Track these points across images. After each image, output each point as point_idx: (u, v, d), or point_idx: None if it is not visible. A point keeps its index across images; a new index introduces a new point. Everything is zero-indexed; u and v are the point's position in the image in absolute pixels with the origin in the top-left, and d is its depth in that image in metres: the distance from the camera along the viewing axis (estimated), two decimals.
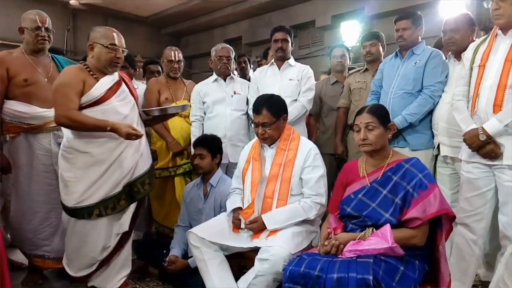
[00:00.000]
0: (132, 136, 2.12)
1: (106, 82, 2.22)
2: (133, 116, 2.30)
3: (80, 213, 2.14)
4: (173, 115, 2.59)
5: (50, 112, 2.36)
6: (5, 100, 2.38)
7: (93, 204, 2.14)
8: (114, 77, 2.27)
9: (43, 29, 2.40)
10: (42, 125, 2.36)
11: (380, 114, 1.85)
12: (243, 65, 4.22)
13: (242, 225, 2.15)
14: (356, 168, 1.95)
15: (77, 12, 8.35)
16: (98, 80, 2.18)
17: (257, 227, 2.10)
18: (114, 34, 2.20)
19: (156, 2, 8.19)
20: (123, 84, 2.31)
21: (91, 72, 2.18)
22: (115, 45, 2.18)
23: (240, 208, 2.23)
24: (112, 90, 2.22)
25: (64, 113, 2.05)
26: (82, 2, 7.21)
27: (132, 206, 2.31)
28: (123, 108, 2.23)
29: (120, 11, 8.69)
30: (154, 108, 2.45)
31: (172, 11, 8.62)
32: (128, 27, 9.37)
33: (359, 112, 1.89)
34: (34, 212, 2.38)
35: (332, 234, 1.81)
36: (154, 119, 2.48)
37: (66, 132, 2.18)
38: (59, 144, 2.36)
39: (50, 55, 2.55)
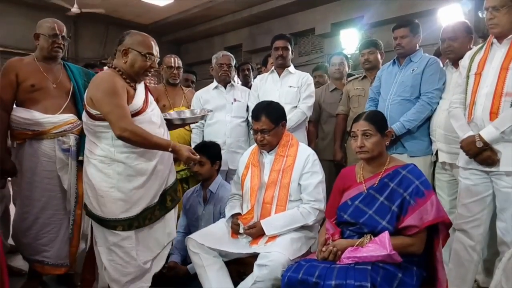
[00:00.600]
0: (191, 160, 2.09)
1: (141, 91, 2.13)
2: (163, 125, 2.22)
3: (121, 225, 2.01)
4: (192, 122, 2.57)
5: (53, 118, 2.37)
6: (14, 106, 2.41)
7: (133, 217, 2.03)
8: (142, 85, 2.20)
9: (60, 37, 2.44)
10: (45, 131, 2.36)
11: (377, 121, 1.85)
12: (246, 72, 4.21)
13: (241, 230, 2.16)
14: (353, 174, 1.96)
15: (78, 20, 8.41)
16: (134, 89, 2.09)
17: (256, 233, 2.11)
18: (153, 43, 2.09)
19: (157, 10, 8.26)
20: (148, 92, 2.25)
21: (127, 80, 2.06)
22: (152, 54, 2.07)
23: (239, 214, 2.24)
24: (145, 100, 2.13)
25: (128, 127, 1.91)
26: (84, 11, 7.25)
27: (174, 213, 2.27)
28: (155, 118, 2.15)
29: (121, 18, 8.75)
30: (175, 117, 2.41)
31: (173, 19, 8.69)
32: None
33: (356, 119, 1.90)
34: (36, 218, 2.37)
35: (330, 240, 1.81)
36: (173, 125, 2.41)
37: (96, 140, 2.02)
38: (64, 150, 2.37)
39: (62, 62, 2.57)
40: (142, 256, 2.11)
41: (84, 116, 2.05)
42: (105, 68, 2.23)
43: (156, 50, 2.11)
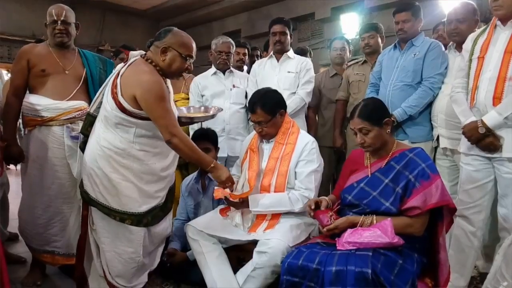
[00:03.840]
0: (229, 182, 2.05)
1: (170, 88, 2.10)
2: None
3: (129, 219, 1.97)
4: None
5: (62, 104, 2.34)
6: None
7: (143, 213, 1.99)
8: (169, 84, 2.15)
9: (59, 22, 2.39)
10: (54, 117, 2.34)
11: (371, 115, 1.80)
12: (255, 58, 4.04)
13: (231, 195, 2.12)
14: (362, 157, 1.95)
15: (75, 6, 8.29)
16: (168, 90, 2.04)
17: (240, 206, 2.11)
18: (194, 45, 2.03)
19: None
20: None
21: (162, 77, 2.00)
22: (191, 57, 2.02)
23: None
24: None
25: (178, 134, 1.90)
26: None
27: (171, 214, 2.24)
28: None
29: (119, 4, 8.65)
30: (183, 115, 2.33)
31: (171, 4, 8.58)
32: (127, 20, 9.33)
33: (351, 116, 1.86)
34: (46, 206, 2.35)
35: (333, 218, 1.80)
36: (180, 122, 2.29)
37: (116, 131, 1.94)
38: (72, 137, 2.34)
39: (77, 49, 2.54)
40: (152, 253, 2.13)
41: (110, 105, 1.93)
42: (134, 52, 2.12)
43: (195, 52, 2.06)
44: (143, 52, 2.07)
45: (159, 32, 2.01)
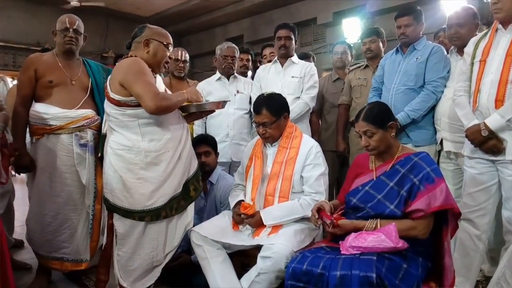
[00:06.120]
0: (199, 96, 2.15)
1: (160, 81, 2.19)
2: (178, 113, 2.22)
3: (149, 215, 2.04)
4: (211, 111, 2.47)
5: (70, 113, 2.37)
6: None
7: (161, 206, 2.05)
8: (160, 79, 2.25)
9: (71, 30, 2.44)
10: (63, 126, 2.36)
11: (375, 118, 1.81)
12: (258, 64, 4.08)
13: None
14: (367, 161, 1.95)
15: (78, 13, 8.34)
16: (155, 78, 2.13)
17: (255, 223, 2.11)
18: (169, 35, 2.17)
19: (157, 2, 8.20)
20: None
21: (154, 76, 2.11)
22: (171, 45, 2.16)
23: (242, 201, 2.23)
24: (166, 92, 2.17)
25: (159, 101, 1.93)
26: (84, 4, 7.21)
27: (192, 205, 2.26)
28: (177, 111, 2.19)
29: (121, 11, 8.71)
30: (191, 104, 2.33)
31: (173, 11, 8.64)
32: (129, 28, 9.30)
33: (356, 119, 1.87)
34: (55, 214, 2.36)
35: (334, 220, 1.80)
36: (190, 115, 2.36)
37: (122, 131, 2.04)
38: (81, 145, 2.37)
39: (81, 59, 2.58)
40: (167, 247, 2.15)
41: (109, 106, 2.05)
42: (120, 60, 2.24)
43: (172, 41, 2.18)
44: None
45: (135, 31, 2.14)
